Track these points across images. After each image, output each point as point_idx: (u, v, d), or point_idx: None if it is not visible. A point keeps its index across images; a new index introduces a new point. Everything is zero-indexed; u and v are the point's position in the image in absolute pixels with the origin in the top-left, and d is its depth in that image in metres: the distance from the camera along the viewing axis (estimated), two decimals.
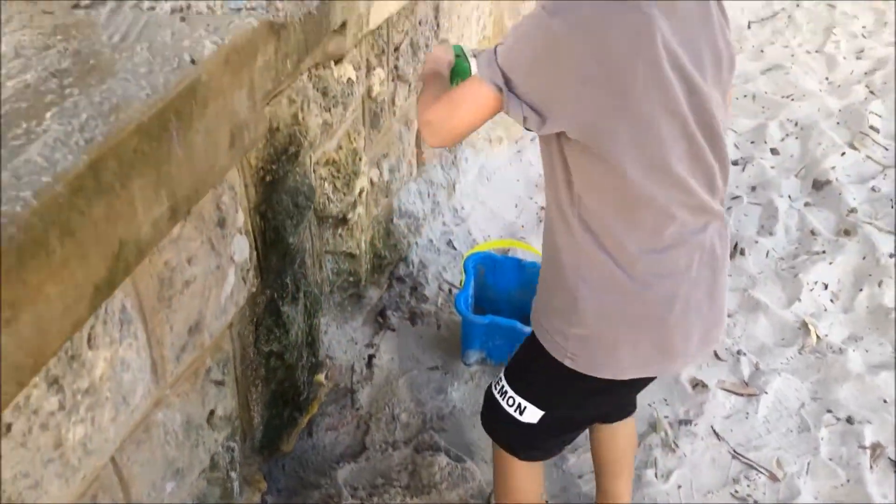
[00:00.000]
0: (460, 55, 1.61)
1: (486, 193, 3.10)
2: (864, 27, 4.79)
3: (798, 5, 4.96)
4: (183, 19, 1.34)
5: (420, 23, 2.34)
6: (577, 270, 1.31)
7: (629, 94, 1.12)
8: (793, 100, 4.00)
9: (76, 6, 1.35)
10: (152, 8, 1.37)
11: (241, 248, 1.58)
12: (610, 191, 1.23)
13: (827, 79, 4.25)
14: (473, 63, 1.56)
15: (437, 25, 2.42)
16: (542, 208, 2.98)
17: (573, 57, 1.10)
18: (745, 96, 4.04)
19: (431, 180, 2.79)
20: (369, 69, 2.11)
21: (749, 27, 4.66)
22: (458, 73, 1.56)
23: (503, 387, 1.53)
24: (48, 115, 1.04)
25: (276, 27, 1.41)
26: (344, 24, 1.72)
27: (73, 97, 1.09)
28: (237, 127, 1.34)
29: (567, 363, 1.37)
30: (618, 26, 1.09)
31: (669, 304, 1.30)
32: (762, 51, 4.45)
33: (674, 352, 1.37)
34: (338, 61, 1.86)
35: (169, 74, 1.17)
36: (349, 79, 1.94)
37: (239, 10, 1.37)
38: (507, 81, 1.16)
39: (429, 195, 2.77)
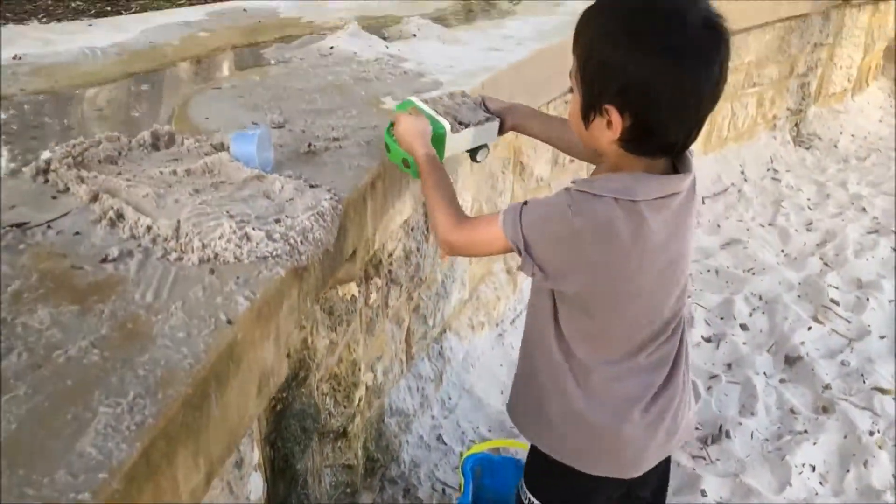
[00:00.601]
0: (427, 116, 1.73)
1: (471, 381, 3.12)
2: (808, 199, 5.13)
3: (746, 180, 5.30)
4: (212, 271, 1.38)
5: (412, 229, 2.43)
6: (562, 378, 1.50)
7: (625, 273, 1.36)
8: (754, 273, 4.20)
9: (104, 260, 1.39)
10: (179, 258, 1.41)
11: (257, 486, 1.56)
12: (590, 331, 1.46)
13: (783, 251, 4.48)
14: (432, 111, 1.74)
15: (427, 229, 2.52)
16: None
17: (586, 249, 1.31)
18: (709, 271, 4.23)
19: (420, 374, 2.81)
20: (368, 280, 2.17)
21: (703, 202, 4.94)
22: (439, 141, 1.69)
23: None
24: (95, 395, 1.05)
25: (299, 272, 1.46)
26: (354, 252, 1.79)
27: (118, 371, 1.10)
28: (265, 375, 1.36)
29: (574, 464, 1.54)
30: (622, 225, 1.29)
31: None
32: (718, 225, 4.70)
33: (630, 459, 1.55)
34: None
35: (207, 338, 1.20)
36: (352, 295, 2.00)
37: (265, 257, 1.42)
38: (527, 245, 1.33)
39: (417, 389, 2.78)
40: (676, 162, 1.36)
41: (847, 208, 4.99)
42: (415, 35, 3.17)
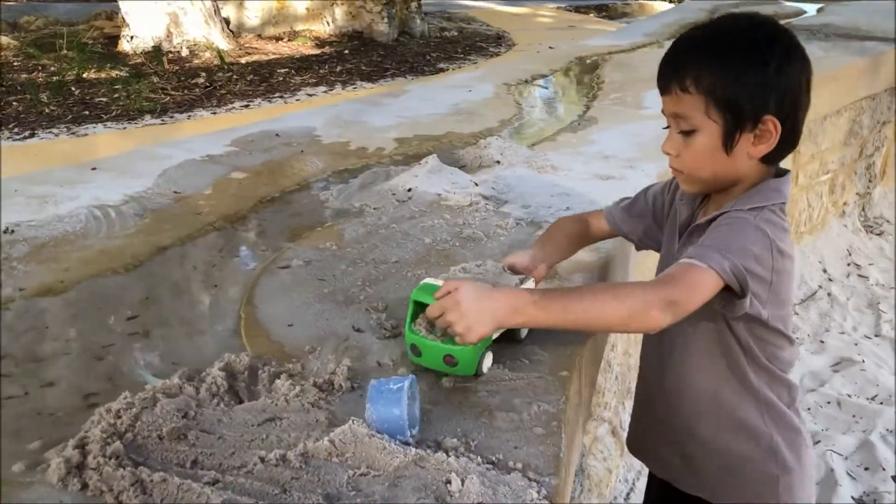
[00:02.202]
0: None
1: None
2: None
3: (831, 279, 4.79)
4: None
5: None
6: (750, 414, 1.48)
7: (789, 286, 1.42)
8: (881, 403, 3.62)
9: None
10: None
11: None
12: (780, 342, 1.46)
13: None
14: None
15: None
16: None
17: (778, 262, 1.34)
18: (829, 403, 3.64)
19: None
20: None
21: (795, 312, 4.40)
22: None
23: None
24: None
25: None
26: None
27: None
28: None
29: None
30: (788, 245, 1.37)
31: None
32: (822, 341, 4.14)
33: None
34: None
35: None
36: None
37: None
38: (745, 277, 1.28)
39: None
40: None
41: None
42: (498, 162, 2.64)
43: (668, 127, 1.39)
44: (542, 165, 2.58)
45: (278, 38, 6.41)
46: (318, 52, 6.01)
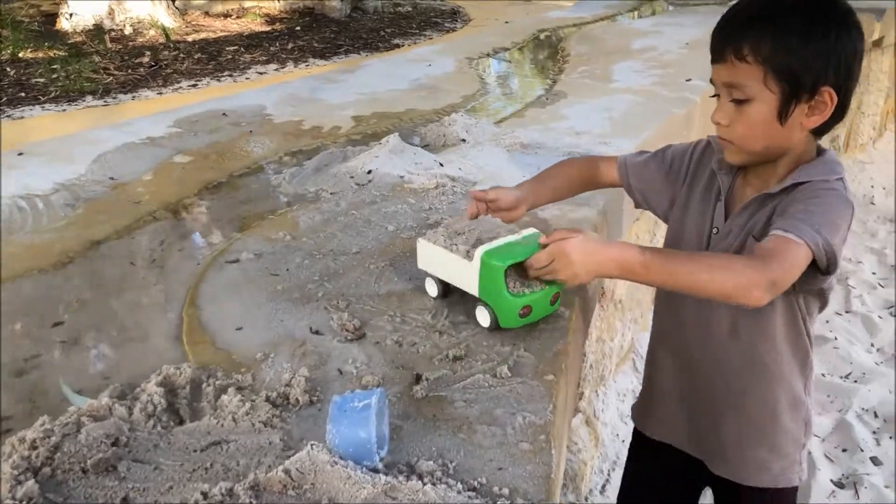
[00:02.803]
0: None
1: None
2: (874, 273, 4.57)
3: None
4: None
5: None
6: (797, 383, 1.49)
7: None
8: (856, 381, 3.55)
9: None
10: None
11: None
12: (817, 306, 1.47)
13: (873, 345, 3.87)
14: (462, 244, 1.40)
15: None
16: None
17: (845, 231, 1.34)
18: None
19: None
20: None
21: None
22: (497, 274, 1.32)
23: None
24: None
25: None
26: None
27: None
28: None
29: (797, 481, 1.53)
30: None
31: None
32: None
33: None
34: None
35: None
36: None
37: None
38: (832, 250, 1.26)
39: None
40: None
41: None
42: (464, 140, 2.46)
43: (715, 95, 1.35)
44: (510, 143, 2.42)
45: (227, 15, 6.15)
46: (268, 28, 5.77)
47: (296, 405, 1.19)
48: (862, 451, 3.14)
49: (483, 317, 1.39)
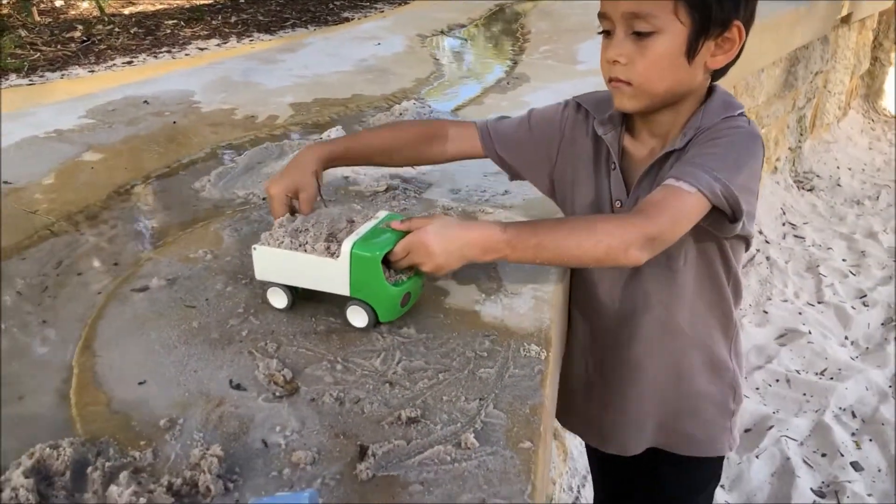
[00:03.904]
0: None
1: None
2: (844, 260, 4.46)
3: (767, 241, 4.60)
4: None
5: None
6: (716, 345, 1.44)
7: None
8: (831, 378, 3.43)
9: None
10: None
11: None
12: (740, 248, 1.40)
13: (847, 338, 3.76)
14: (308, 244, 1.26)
15: None
16: None
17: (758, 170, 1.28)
18: (778, 381, 3.43)
19: None
20: None
21: None
22: (373, 265, 1.22)
23: None
24: None
25: None
26: None
27: None
28: None
29: (727, 450, 1.54)
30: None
31: None
32: (765, 311, 3.94)
33: None
34: None
35: None
36: None
37: None
38: (735, 199, 1.20)
39: None
40: None
41: (889, 266, 4.35)
42: None
43: (604, 32, 1.24)
44: None
45: None
46: (210, 0, 5.45)
47: (206, 495, 0.94)
48: (842, 455, 3.02)
49: (358, 317, 1.26)
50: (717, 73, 1.29)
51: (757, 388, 3.39)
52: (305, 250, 1.24)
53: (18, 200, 1.80)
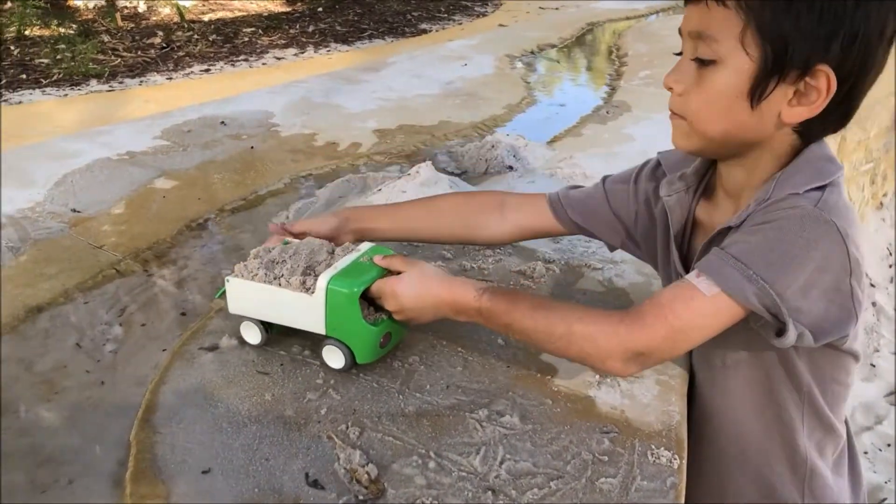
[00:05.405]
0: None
1: None
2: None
3: (873, 285, 4.27)
4: None
5: None
6: (797, 490, 1.15)
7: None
8: None
9: None
10: None
11: None
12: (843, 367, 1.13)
13: None
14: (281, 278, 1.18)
15: None
16: None
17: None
18: (889, 445, 3.12)
19: None
20: None
21: None
22: (350, 302, 1.13)
23: None
24: None
25: None
26: None
27: None
28: None
29: None
30: (858, 232, 1.02)
31: None
32: (872, 364, 3.62)
33: None
34: None
35: None
36: None
37: None
38: (780, 318, 0.96)
39: None
40: None
41: None
42: (511, 168, 2.05)
43: (679, 54, 1.03)
44: (570, 174, 2.00)
45: None
46: (288, 9, 5.44)
47: None
48: None
49: (335, 358, 1.18)
50: (808, 133, 1.03)
51: (865, 453, 3.10)
52: (280, 284, 1.16)
53: (86, 232, 1.70)
